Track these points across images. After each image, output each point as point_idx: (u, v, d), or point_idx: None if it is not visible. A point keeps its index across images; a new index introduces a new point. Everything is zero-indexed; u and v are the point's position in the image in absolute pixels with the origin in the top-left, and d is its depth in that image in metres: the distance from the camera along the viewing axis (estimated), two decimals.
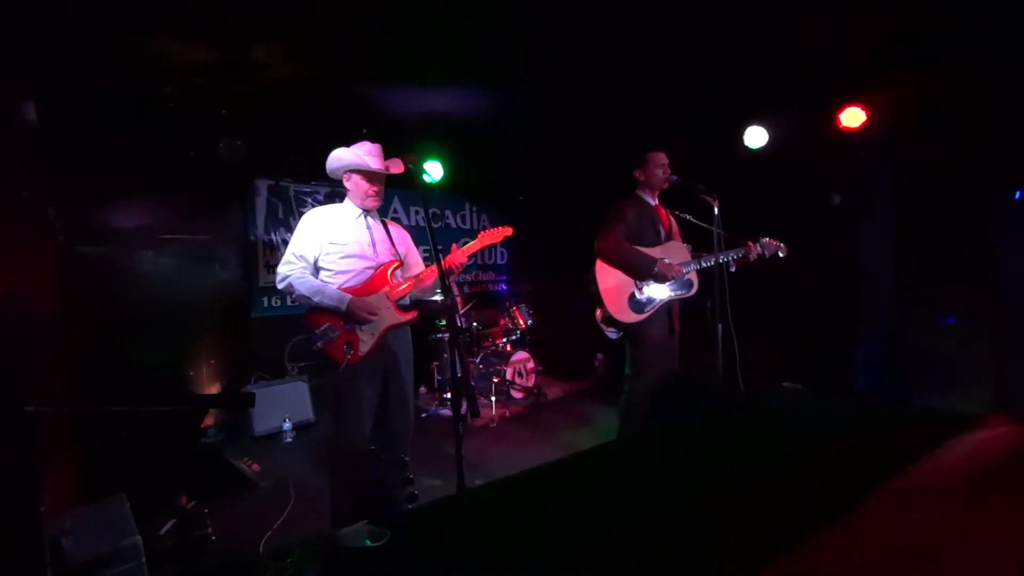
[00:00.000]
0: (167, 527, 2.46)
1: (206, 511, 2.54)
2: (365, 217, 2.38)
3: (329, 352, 2.18)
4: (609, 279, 2.78)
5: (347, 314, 2.18)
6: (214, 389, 4.24)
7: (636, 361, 2.83)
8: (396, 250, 2.43)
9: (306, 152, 4.35)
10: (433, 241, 1.81)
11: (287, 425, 3.89)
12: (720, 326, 2.74)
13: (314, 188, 4.63)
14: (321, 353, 2.19)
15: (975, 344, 3.62)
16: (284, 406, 3.96)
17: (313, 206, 4.39)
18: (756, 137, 4.37)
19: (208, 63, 3.21)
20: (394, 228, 2.52)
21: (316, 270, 2.29)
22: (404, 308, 2.39)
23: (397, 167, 2.35)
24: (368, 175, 2.32)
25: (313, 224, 2.28)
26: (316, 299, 2.18)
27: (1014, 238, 3.69)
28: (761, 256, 2.95)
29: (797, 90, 4.21)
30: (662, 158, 2.88)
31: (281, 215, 4.49)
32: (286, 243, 2.35)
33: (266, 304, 4.44)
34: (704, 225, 3.00)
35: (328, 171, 2.36)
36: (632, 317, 2.76)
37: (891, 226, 4.43)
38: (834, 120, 4.14)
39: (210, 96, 3.77)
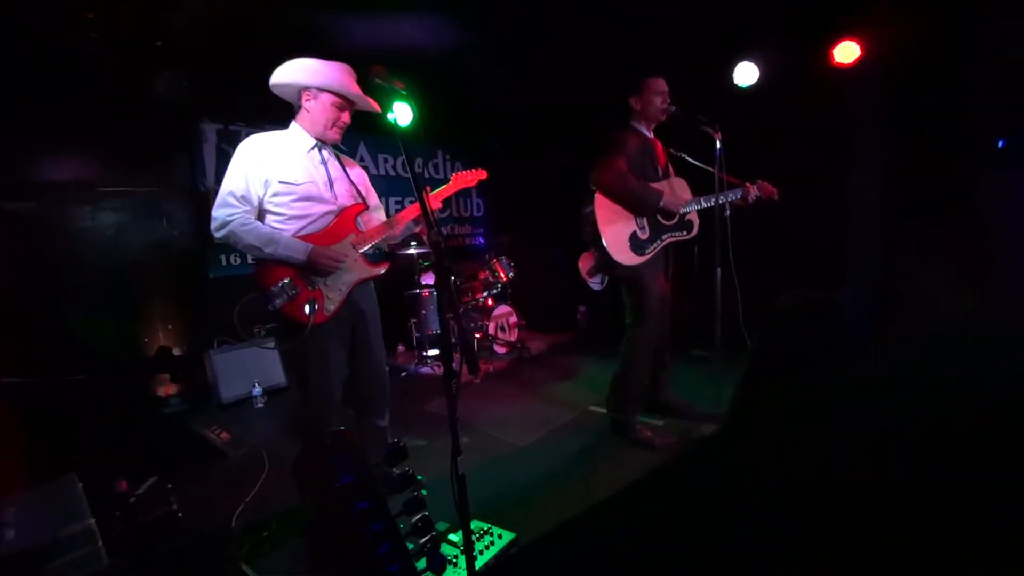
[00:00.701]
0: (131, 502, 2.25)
1: (170, 487, 2.32)
2: (319, 150, 2.01)
3: (289, 313, 1.87)
4: (610, 216, 2.56)
5: (308, 266, 1.87)
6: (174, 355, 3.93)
7: (639, 310, 2.66)
8: (357, 190, 2.11)
9: (258, 91, 3.89)
10: (416, 180, 1.44)
11: (257, 390, 3.64)
12: (719, 270, 2.59)
13: (267, 131, 4.18)
14: (279, 315, 1.88)
15: (963, 286, 3.61)
16: (253, 370, 3.70)
17: None
18: (746, 74, 4.14)
19: None
20: (349, 163, 2.17)
21: (261, 214, 1.93)
22: (374, 260, 2.10)
23: (373, 105, 2.02)
24: (343, 99, 1.95)
25: (255, 156, 1.88)
26: (268, 250, 1.84)
27: (997, 178, 3.66)
28: (758, 199, 2.77)
29: (790, 22, 3.98)
30: (661, 85, 2.62)
31: None
32: None
33: (224, 262, 4.08)
34: (701, 165, 2.80)
35: (279, 84, 1.93)
36: (633, 259, 2.57)
37: (880, 166, 4.36)
38: (827, 56, 3.95)
39: (141, 25, 3.26)
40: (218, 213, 1.86)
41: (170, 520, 2.21)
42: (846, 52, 3.91)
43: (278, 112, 2.05)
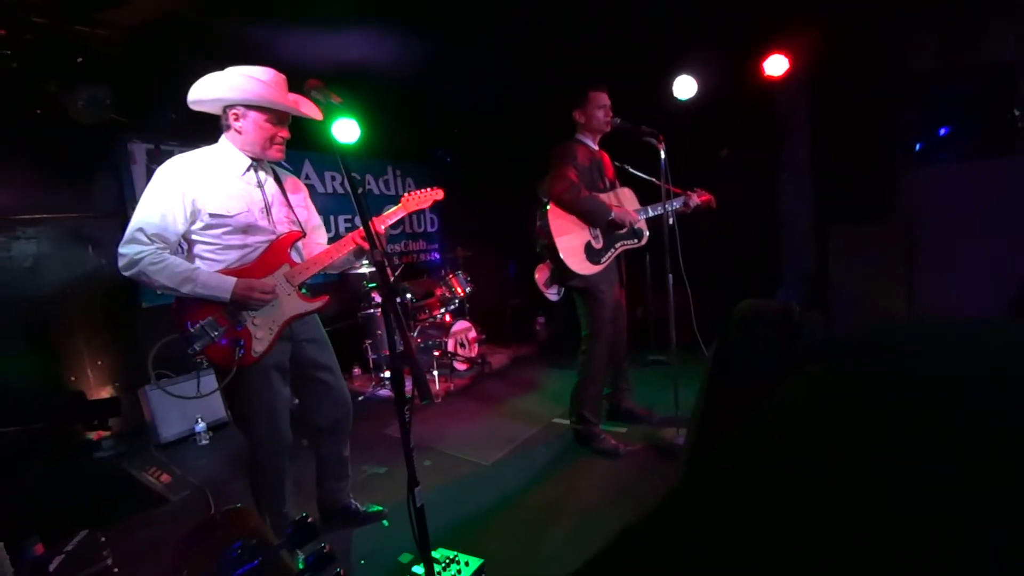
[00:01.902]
0: (55, 564, 2.03)
1: (104, 539, 2.11)
2: (255, 171, 1.81)
3: (211, 357, 1.68)
4: (564, 227, 2.57)
5: (234, 303, 1.68)
6: (104, 394, 3.62)
7: (594, 320, 2.68)
8: (295, 214, 1.91)
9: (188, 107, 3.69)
10: (359, 205, 1.33)
11: (200, 426, 3.40)
12: (671, 275, 2.65)
13: (195, 151, 3.95)
14: (201, 358, 1.68)
15: (888, 277, 3.87)
16: (195, 405, 3.45)
17: None
18: (685, 87, 4.31)
19: None
20: (288, 181, 1.97)
21: (188, 243, 1.74)
22: (311, 293, 1.92)
23: (313, 111, 1.78)
24: (276, 115, 1.75)
25: (177, 185, 1.65)
26: (184, 289, 1.63)
27: (916, 177, 3.97)
28: (696, 206, 2.88)
29: (724, 37, 4.19)
30: (604, 98, 2.67)
31: None
32: None
33: (159, 291, 3.82)
34: (644, 176, 2.88)
35: (198, 101, 1.73)
36: (589, 269, 2.58)
37: (809, 171, 4.64)
38: (759, 69, 4.18)
39: (60, 40, 3.03)
40: (125, 249, 1.64)
41: None
42: (776, 65, 4.14)
43: (214, 128, 1.86)
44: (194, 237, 1.72)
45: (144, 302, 3.77)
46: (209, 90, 1.71)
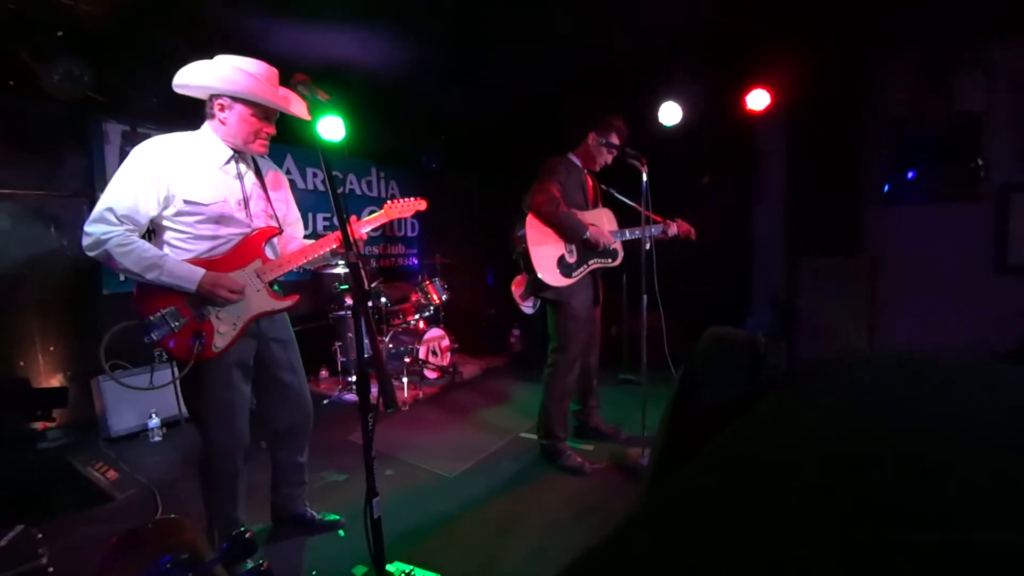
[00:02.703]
0: None
1: (40, 536, 1.99)
2: (236, 163, 1.77)
3: (169, 348, 1.62)
4: (540, 238, 2.59)
5: (200, 295, 1.63)
6: (55, 382, 3.45)
7: (563, 333, 2.69)
8: (273, 209, 1.87)
9: (170, 91, 3.54)
10: (337, 204, 1.34)
11: (154, 422, 3.27)
12: (646, 297, 2.67)
13: (175, 134, 3.82)
14: (158, 348, 1.63)
15: (854, 311, 3.99)
16: (150, 399, 3.31)
17: None
18: (671, 114, 4.41)
19: None
20: (270, 176, 1.93)
21: (158, 230, 1.69)
22: (280, 291, 1.87)
23: (302, 110, 1.74)
24: (263, 110, 1.71)
25: (152, 167, 1.60)
26: (149, 276, 1.57)
27: (884, 217, 4.13)
28: (675, 236, 2.94)
29: (711, 70, 4.32)
30: (616, 139, 2.75)
31: None
32: None
33: (122, 277, 3.66)
34: (627, 201, 2.92)
35: (184, 86, 1.68)
36: (560, 281, 2.60)
37: (783, 204, 4.79)
38: (742, 102, 4.31)
39: (40, 11, 2.93)
40: (92, 229, 1.57)
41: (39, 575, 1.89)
42: (758, 100, 4.28)
43: (194, 115, 1.81)
44: (165, 223, 1.67)
45: (105, 288, 3.63)
46: (197, 76, 1.67)
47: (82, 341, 3.53)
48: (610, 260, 2.80)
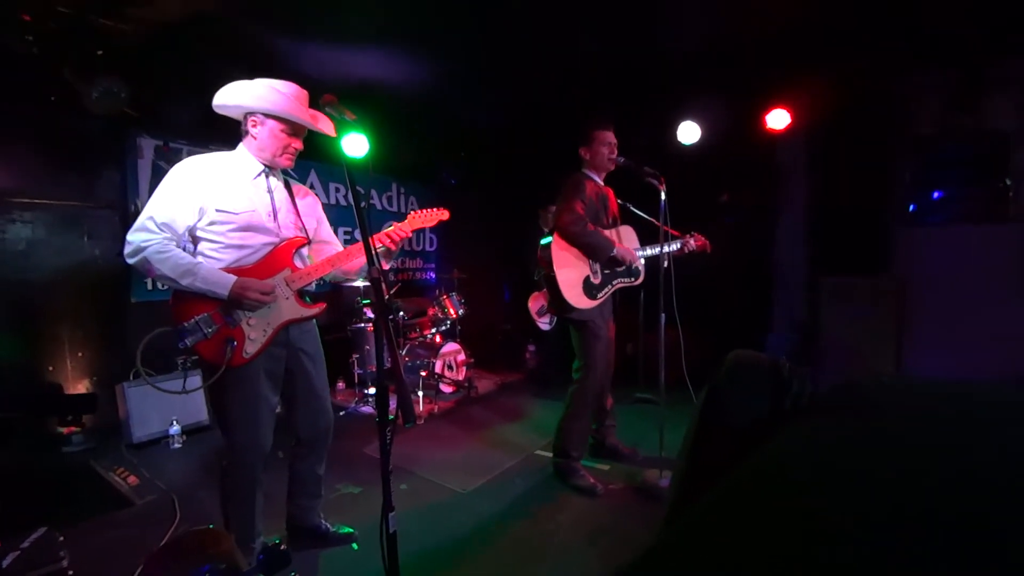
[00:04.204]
0: (8, 560, 1.96)
1: (62, 539, 2.04)
2: (267, 177, 1.87)
3: (202, 353, 1.69)
4: (565, 259, 2.58)
5: (232, 300, 1.70)
6: (81, 388, 3.55)
7: (588, 353, 2.66)
8: (302, 222, 1.96)
9: (204, 108, 3.66)
10: (361, 219, 1.35)
11: (175, 428, 3.32)
12: (664, 315, 2.65)
13: (213, 152, 3.92)
14: (191, 353, 1.70)
15: (880, 332, 3.89)
16: (171, 406, 3.38)
17: None
18: (689, 133, 4.41)
19: None
20: (300, 192, 2.02)
21: (193, 240, 1.77)
22: (309, 299, 1.93)
23: (329, 127, 1.83)
24: (292, 126, 1.81)
25: (190, 180, 1.72)
26: (184, 282, 1.66)
27: (910, 237, 4.04)
28: (692, 251, 2.91)
29: (730, 89, 4.32)
30: (610, 136, 2.72)
31: None
32: None
33: (150, 286, 3.79)
34: (645, 216, 2.92)
35: (222, 106, 1.80)
36: (585, 303, 2.59)
37: (805, 222, 4.73)
38: (761, 121, 4.29)
39: (82, 31, 3.08)
40: (133, 237, 1.68)
41: None
42: (778, 119, 4.26)
43: (225, 131, 1.91)
44: (199, 233, 1.76)
45: (133, 297, 3.73)
46: (234, 96, 1.78)
47: (109, 348, 3.62)
48: (633, 279, 2.79)
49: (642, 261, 2.78)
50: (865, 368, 3.95)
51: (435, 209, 2.18)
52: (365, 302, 4.20)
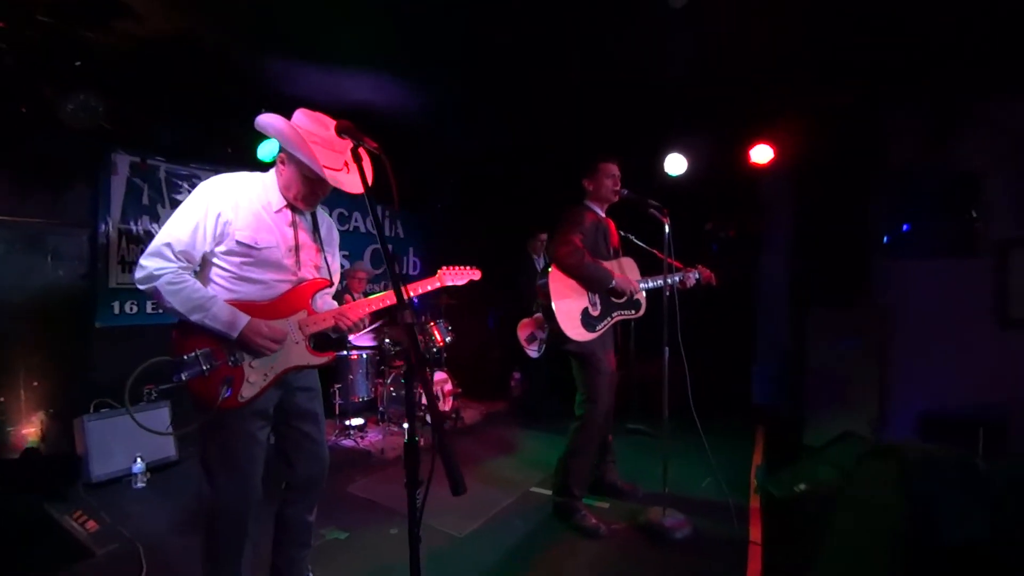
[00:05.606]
0: None
1: None
2: (292, 212, 1.74)
3: (195, 390, 1.55)
4: (563, 291, 2.52)
5: (237, 343, 1.57)
6: (34, 421, 3.25)
7: (591, 387, 2.59)
8: (323, 261, 1.82)
9: (185, 124, 3.43)
10: (391, 265, 1.25)
11: (138, 466, 3.05)
12: (667, 349, 2.61)
13: (193, 171, 3.76)
14: (184, 389, 1.55)
15: (863, 362, 3.96)
16: (135, 441, 3.10)
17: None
18: (676, 165, 4.49)
19: None
20: (324, 222, 1.88)
21: (204, 264, 1.63)
22: (320, 347, 1.79)
23: (353, 185, 1.66)
24: (313, 179, 1.67)
25: (216, 206, 1.58)
26: (194, 318, 1.52)
27: (890, 268, 4.17)
28: (696, 283, 2.89)
29: (715, 124, 4.44)
30: (614, 168, 2.71)
31: (147, 201, 3.59)
32: (152, 237, 1.61)
33: (117, 310, 3.54)
34: (647, 248, 2.90)
35: (262, 126, 1.67)
36: (584, 335, 2.52)
37: (788, 254, 4.85)
38: (746, 156, 4.41)
39: (61, 41, 2.92)
40: (147, 262, 1.54)
41: None
42: (761, 154, 4.38)
43: (207, 149, 1.79)
44: (214, 260, 1.62)
45: (97, 321, 3.49)
46: (270, 124, 1.64)
47: (69, 377, 3.35)
48: (633, 311, 2.74)
49: (643, 293, 2.75)
50: (850, 398, 3.99)
51: (468, 268, 2.15)
52: (396, 347, 4.07)
